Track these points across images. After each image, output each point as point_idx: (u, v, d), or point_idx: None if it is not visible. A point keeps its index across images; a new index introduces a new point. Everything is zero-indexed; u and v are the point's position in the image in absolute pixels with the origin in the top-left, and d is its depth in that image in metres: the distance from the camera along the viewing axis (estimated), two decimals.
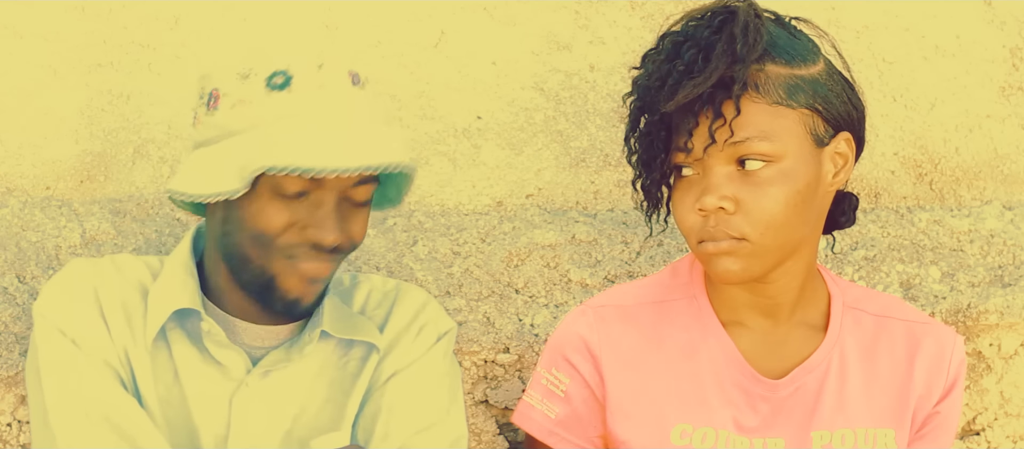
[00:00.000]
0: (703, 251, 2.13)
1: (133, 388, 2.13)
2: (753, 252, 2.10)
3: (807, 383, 2.21)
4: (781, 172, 2.08)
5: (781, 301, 2.20)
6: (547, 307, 2.62)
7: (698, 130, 2.08)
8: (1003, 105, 2.91)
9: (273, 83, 2.05)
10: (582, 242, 2.71)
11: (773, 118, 2.08)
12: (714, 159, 2.09)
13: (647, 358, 2.22)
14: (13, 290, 2.53)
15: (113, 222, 2.64)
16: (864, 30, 2.85)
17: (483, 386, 2.59)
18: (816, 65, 2.13)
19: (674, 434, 2.19)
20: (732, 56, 2.06)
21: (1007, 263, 2.76)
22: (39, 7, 2.67)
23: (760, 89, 2.08)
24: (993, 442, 2.76)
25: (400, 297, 2.28)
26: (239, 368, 2.15)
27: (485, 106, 2.78)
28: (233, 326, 2.18)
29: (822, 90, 2.11)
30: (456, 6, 2.77)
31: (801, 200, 2.10)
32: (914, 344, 2.26)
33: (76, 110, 2.68)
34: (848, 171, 2.16)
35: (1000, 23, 2.91)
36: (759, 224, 2.09)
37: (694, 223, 2.12)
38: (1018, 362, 2.73)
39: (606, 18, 2.81)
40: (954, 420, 2.29)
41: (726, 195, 2.08)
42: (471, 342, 2.56)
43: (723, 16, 2.09)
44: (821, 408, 2.20)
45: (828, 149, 2.13)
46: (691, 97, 2.06)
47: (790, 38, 2.14)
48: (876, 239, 2.77)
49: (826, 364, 2.22)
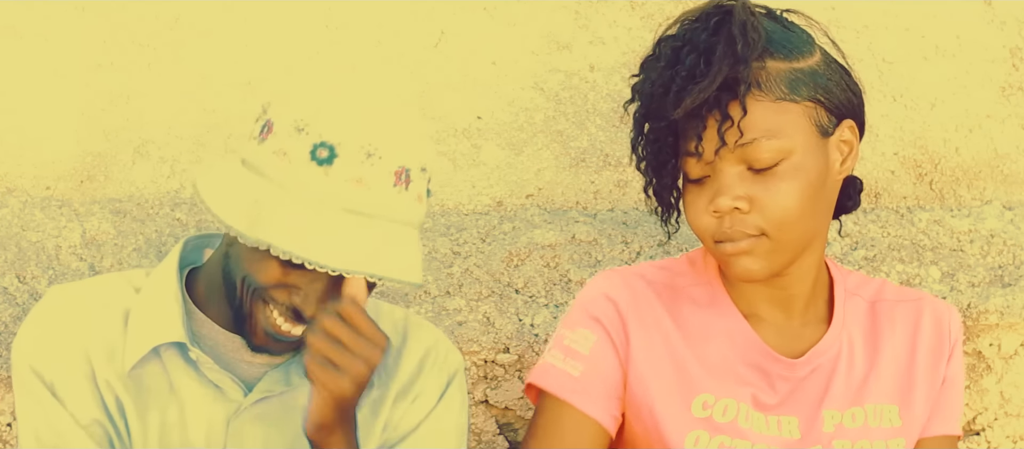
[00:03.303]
0: (721, 251, 2.14)
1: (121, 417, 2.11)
2: (772, 248, 2.12)
3: (822, 365, 2.23)
4: (792, 167, 2.10)
5: (796, 292, 2.22)
6: (547, 307, 2.62)
7: (707, 133, 2.09)
8: (1003, 105, 2.91)
9: (318, 156, 2.01)
10: (582, 242, 2.71)
11: (779, 114, 2.09)
12: (725, 160, 2.10)
13: (670, 328, 2.22)
14: (13, 290, 2.53)
15: (113, 222, 2.64)
16: (864, 30, 2.85)
17: (483, 386, 2.59)
18: (813, 56, 2.15)
19: (696, 404, 2.19)
20: (734, 57, 2.07)
21: (1007, 263, 2.76)
22: (39, 7, 2.67)
23: (763, 86, 2.09)
24: (993, 442, 2.76)
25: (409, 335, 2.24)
26: (235, 390, 2.13)
27: (485, 106, 2.78)
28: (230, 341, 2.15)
29: (822, 80, 2.13)
30: (456, 6, 2.77)
31: (813, 192, 2.12)
32: (912, 321, 2.29)
33: (76, 110, 2.68)
34: (854, 158, 2.18)
35: (1000, 23, 2.91)
36: (775, 220, 2.11)
37: (709, 225, 2.14)
38: (1018, 362, 2.73)
39: (606, 18, 2.81)
40: (961, 377, 2.33)
41: (740, 195, 2.10)
42: (471, 342, 2.56)
43: (718, 17, 2.10)
44: (833, 389, 2.23)
45: (833, 138, 2.15)
46: (698, 102, 2.07)
47: (785, 31, 2.15)
48: (876, 239, 2.77)
49: (837, 347, 2.24)
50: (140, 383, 2.11)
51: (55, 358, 2.10)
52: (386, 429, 2.20)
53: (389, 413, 2.20)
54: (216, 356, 2.14)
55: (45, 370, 2.09)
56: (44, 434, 2.09)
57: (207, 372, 2.11)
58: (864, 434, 2.23)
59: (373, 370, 2.01)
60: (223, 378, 2.11)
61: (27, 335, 2.12)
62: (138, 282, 2.18)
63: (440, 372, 2.23)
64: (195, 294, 2.17)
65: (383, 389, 2.20)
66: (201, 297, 2.17)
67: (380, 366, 2.20)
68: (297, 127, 2.01)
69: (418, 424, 2.20)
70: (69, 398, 2.09)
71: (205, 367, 2.10)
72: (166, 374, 2.11)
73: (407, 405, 2.20)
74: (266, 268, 2.04)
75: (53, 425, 2.08)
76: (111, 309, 2.14)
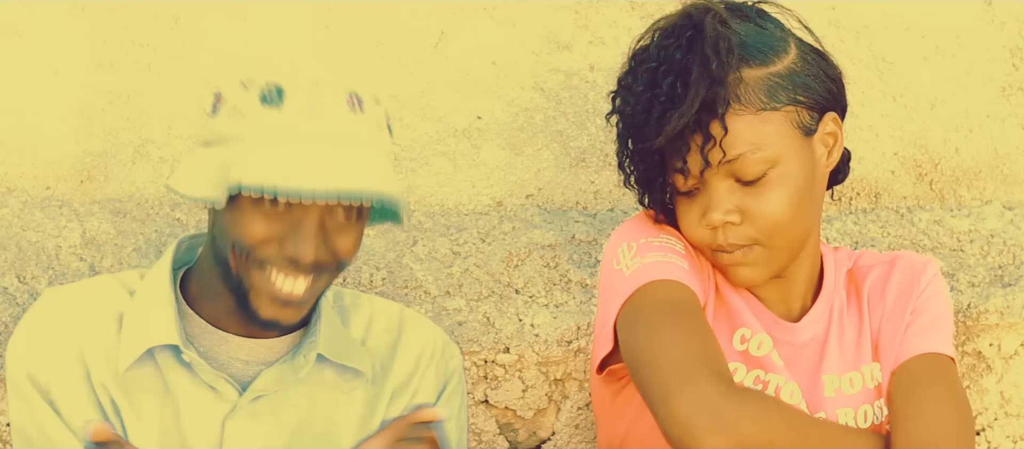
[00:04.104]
0: (719, 261, 2.19)
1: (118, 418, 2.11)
2: (768, 255, 2.16)
3: (817, 333, 2.26)
4: (779, 175, 2.12)
5: (796, 279, 2.26)
6: (547, 307, 2.62)
7: (690, 155, 2.11)
8: (1003, 105, 2.91)
9: (266, 97, 2.03)
10: (582, 242, 2.71)
11: (760, 125, 2.11)
12: (712, 175, 2.13)
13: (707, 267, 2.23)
14: (13, 290, 2.53)
15: (113, 222, 2.64)
16: (864, 30, 2.85)
17: (483, 386, 2.59)
18: (788, 54, 2.15)
19: (736, 337, 2.22)
20: (710, 78, 2.08)
21: (1007, 263, 2.76)
22: (39, 7, 2.67)
23: (742, 100, 2.10)
24: (993, 442, 2.76)
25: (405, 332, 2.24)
26: (230, 390, 2.13)
27: (485, 106, 2.78)
28: (224, 341, 2.15)
29: (800, 79, 2.14)
30: (456, 6, 2.77)
31: (803, 195, 2.15)
32: (884, 279, 2.30)
33: (76, 110, 2.68)
34: (839, 147, 2.20)
35: (1000, 23, 2.91)
36: (767, 228, 2.14)
37: (703, 236, 2.17)
38: (1018, 362, 2.73)
39: (606, 18, 2.81)
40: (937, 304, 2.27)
41: (730, 208, 2.14)
42: (471, 342, 2.56)
43: (691, 31, 2.11)
44: (828, 354, 2.25)
45: (817, 134, 2.16)
46: (678, 128, 2.08)
47: (758, 31, 2.15)
48: (876, 239, 2.77)
49: (827, 315, 2.27)
50: (135, 384, 2.11)
51: (50, 361, 2.10)
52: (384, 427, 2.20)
53: (387, 411, 2.20)
54: (210, 357, 2.14)
55: (40, 373, 2.09)
56: (34, 437, 2.09)
57: (201, 374, 2.11)
58: (864, 398, 2.24)
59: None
60: (217, 379, 2.11)
61: (21, 338, 2.13)
62: (132, 284, 2.18)
63: (438, 370, 2.23)
64: (189, 293, 2.17)
65: (379, 387, 2.20)
66: (194, 296, 2.17)
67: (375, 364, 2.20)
68: (243, 85, 2.05)
69: None
70: (65, 400, 2.09)
71: (199, 369, 2.10)
72: (161, 375, 2.12)
73: (405, 403, 2.20)
74: (249, 225, 2.04)
75: (43, 429, 2.08)
76: (105, 312, 2.14)
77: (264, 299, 2.07)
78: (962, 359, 2.71)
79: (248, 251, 2.05)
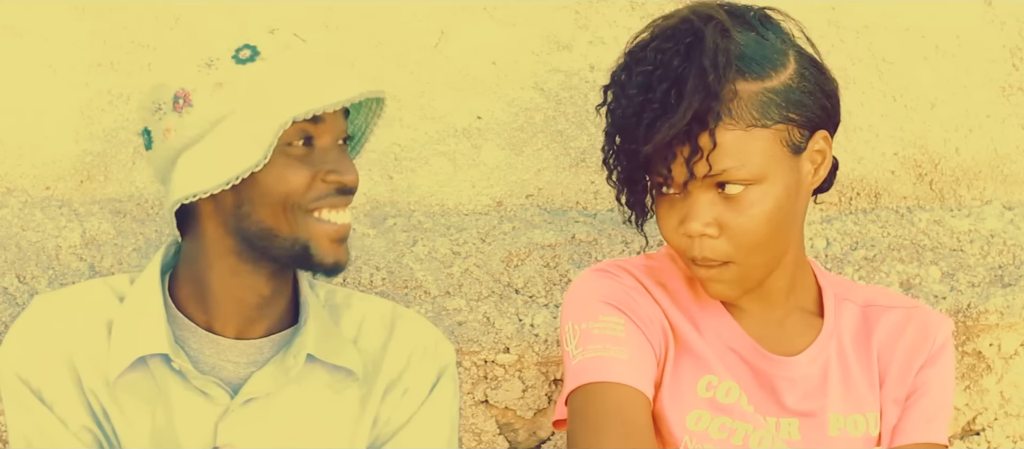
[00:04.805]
0: (696, 272, 2.17)
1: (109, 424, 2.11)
2: (741, 274, 2.15)
3: (814, 371, 2.23)
4: (761, 193, 2.10)
5: (774, 288, 2.23)
6: (547, 307, 2.62)
7: (676, 164, 2.10)
8: (1003, 105, 2.91)
9: (241, 58, 2.05)
10: (582, 242, 2.71)
11: (749, 142, 2.09)
12: (695, 185, 2.11)
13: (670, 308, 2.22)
14: (13, 290, 2.53)
15: (113, 222, 2.64)
16: (864, 30, 2.85)
17: (483, 386, 2.59)
18: (787, 68, 2.13)
19: (701, 384, 2.20)
20: (705, 90, 2.06)
21: (1007, 263, 2.76)
22: (39, 7, 2.67)
23: (734, 114, 2.08)
24: (993, 442, 2.76)
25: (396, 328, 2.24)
26: (222, 394, 2.12)
27: (485, 106, 2.78)
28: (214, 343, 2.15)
29: (795, 96, 2.11)
30: (456, 6, 2.77)
31: (784, 213, 2.13)
32: (899, 328, 2.27)
33: (76, 110, 2.68)
34: (827, 165, 2.18)
35: (1000, 23, 2.91)
36: (744, 246, 2.12)
37: (681, 243, 2.16)
38: (1018, 362, 2.73)
39: (606, 18, 2.81)
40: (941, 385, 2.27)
41: (709, 220, 2.12)
42: (471, 342, 2.56)
43: (690, 38, 2.09)
44: (831, 393, 2.22)
45: (805, 152, 2.14)
46: (668, 138, 2.07)
47: (759, 42, 2.12)
48: (876, 239, 2.77)
49: (827, 353, 2.24)
50: (126, 391, 2.11)
51: (41, 367, 2.10)
52: (376, 424, 2.19)
53: (379, 408, 2.19)
54: (200, 359, 2.14)
55: (32, 378, 2.09)
56: (34, 438, 2.09)
57: (192, 380, 2.10)
58: (865, 445, 2.23)
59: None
60: (208, 384, 2.11)
61: (12, 345, 2.13)
62: (122, 289, 2.17)
63: (430, 365, 2.23)
64: (178, 296, 2.17)
65: (370, 384, 2.20)
66: (184, 299, 2.16)
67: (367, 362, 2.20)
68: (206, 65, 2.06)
69: (409, 418, 2.19)
70: (57, 406, 2.09)
71: (189, 376, 2.10)
72: (153, 380, 2.11)
73: (397, 399, 2.20)
74: (293, 174, 2.06)
75: (42, 429, 2.08)
76: (94, 320, 2.14)
77: (325, 243, 2.08)
78: (962, 359, 2.71)
79: (298, 200, 2.05)
